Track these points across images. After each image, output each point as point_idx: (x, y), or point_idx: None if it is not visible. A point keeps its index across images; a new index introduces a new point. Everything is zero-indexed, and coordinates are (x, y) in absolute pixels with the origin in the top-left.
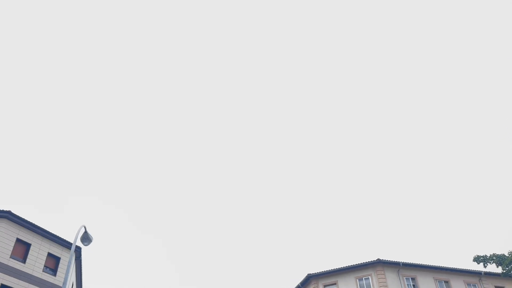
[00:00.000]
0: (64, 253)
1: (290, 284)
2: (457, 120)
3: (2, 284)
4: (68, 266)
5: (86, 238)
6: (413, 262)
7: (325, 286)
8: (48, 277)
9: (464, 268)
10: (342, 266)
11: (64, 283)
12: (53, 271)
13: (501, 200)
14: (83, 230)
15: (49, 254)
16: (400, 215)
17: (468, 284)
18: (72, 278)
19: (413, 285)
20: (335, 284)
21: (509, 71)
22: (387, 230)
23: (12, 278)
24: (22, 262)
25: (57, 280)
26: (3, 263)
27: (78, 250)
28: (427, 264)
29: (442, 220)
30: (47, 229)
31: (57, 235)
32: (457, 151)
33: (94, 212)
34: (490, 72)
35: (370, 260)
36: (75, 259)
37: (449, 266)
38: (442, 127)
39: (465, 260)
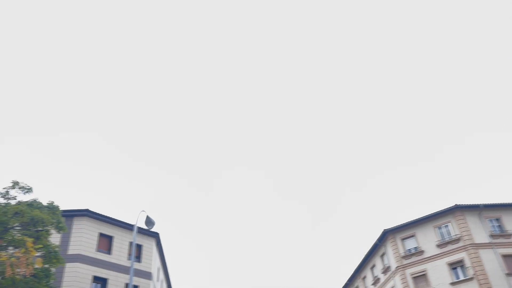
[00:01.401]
0: (144, 240)
1: (367, 243)
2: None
3: (94, 276)
4: (133, 249)
5: (149, 222)
6: (495, 202)
7: (403, 239)
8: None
9: None
10: (418, 217)
11: (131, 265)
12: (138, 258)
13: None
14: (144, 215)
15: (131, 243)
16: (475, 157)
17: None
18: (156, 263)
19: (498, 226)
20: (413, 236)
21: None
22: (463, 177)
23: (102, 269)
24: (108, 253)
25: (142, 265)
26: (91, 257)
27: (156, 236)
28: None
29: None
30: (124, 221)
31: (134, 224)
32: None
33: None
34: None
35: (447, 207)
36: (156, 244)
37: None
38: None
39: None
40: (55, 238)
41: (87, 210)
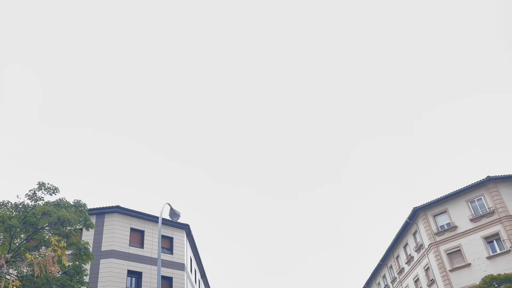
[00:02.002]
0: (175, 232)
1: (398, 222)
2: None
3: (128, 270)
4: (159, 241)
5: (174, 214)
6: None
7: (434, 216)
8: (166, 257)
9: None
10: (449, 192)
11: (159, 257)
12: (169, 250)
13: None
14: (168, 207)
15: (162, 236)
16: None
17: None
18: (188, 253)
19: None
20: (445, 211)
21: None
22: (493, 147)
23: (135, 263)
24: (140, 247)
25: (175, 257)
26: (125, 252)
27: (187, 227)
28: None
29: None
30: (154, 214)
31: (164, 217)
32: None
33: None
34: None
35: (479, 180)
36: (187, 236)
37: None
38: None
39: None
40: (88, 235)
41: (117, 207)
